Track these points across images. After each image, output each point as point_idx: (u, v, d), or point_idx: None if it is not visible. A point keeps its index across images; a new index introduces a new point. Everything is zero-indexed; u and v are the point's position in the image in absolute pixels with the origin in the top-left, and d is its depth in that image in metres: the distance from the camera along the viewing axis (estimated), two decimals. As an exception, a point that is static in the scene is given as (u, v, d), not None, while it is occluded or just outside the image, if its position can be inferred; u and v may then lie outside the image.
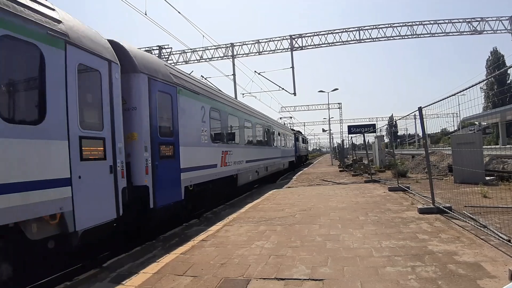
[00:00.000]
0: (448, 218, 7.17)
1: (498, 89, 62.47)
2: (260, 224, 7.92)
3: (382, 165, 24.34)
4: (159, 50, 26.95)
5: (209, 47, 30.99)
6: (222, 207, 12.41)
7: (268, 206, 10.53)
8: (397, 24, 29.00)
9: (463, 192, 9.70)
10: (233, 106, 14.98)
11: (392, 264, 4.67)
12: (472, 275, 4.10)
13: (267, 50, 30.39)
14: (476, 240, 5.50)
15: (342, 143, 40.58)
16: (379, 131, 28.69)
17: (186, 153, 9.27)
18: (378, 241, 5.84)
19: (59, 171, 5.05)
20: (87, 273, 5.62)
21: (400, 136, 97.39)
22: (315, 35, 29.57)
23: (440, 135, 69.55)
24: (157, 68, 8.36)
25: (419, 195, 10.28)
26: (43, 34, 4.92)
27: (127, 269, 5.56)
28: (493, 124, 53.32)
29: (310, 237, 6.44)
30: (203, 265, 5.23)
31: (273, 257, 5.37)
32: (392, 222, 7.26)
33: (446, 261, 4.65)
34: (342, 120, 73.55)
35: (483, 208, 7.74)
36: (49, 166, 4.88)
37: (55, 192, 4.94)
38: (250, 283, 4.36)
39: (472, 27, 28.71)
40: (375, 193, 11.95)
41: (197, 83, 11.22)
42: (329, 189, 14.31)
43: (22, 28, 4.58)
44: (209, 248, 6.15)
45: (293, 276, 4.49)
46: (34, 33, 4.78)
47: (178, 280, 4.65)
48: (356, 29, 29.30)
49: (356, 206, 9.44)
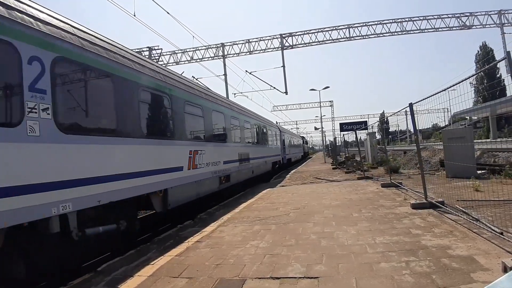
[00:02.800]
0: (441, 213, 7.22)
1: (488, 83, 62.92)
2: (254, 223, 7.92)
3: (375, 161, 24.50)
4: (149, 51, 26.86)
5: (200, 48, 31.00)
6: (216, 208, 12.39)
7: (262, 205, 10.53)
8: (386, 21, 29.25)
9: (455, 187, 9.79)
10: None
11: (386, 260, 4.69)
12: (465, 268, 4.13)
13: (257, 50, 30.46)
14: (469, 234, 5.54)
15: (335, 140, 40.79)
16: (370, 128, 28.85)
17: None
18: (372, 237, 5.87)
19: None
20: (81, 278, 5.59)
21: (392, 132, 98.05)
22: (305, 34, 29.69)
23: (431, 130, 70.09)
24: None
25: (411, 190, 10.34)
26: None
27: (122, 272, 5.54)
28: (484, 118, 53.71)
29: (304, 235, 6.45)
30: (198, 266, 5.21)
31: (268, 256, 5.36)
32: (385, 218, 7.29)
33: (440, 255, 4.68)
34: (334, 118, 73.96)
35: (475, 202, 7.80)
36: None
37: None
38: (246, 283, 4.36)
39: (462, 22, 29.03)
40: (368, 190, 12.00)
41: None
42: (322, 187, 14.34)
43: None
44: (204, 249, 6.13)
45: (289, 274, 4.49)
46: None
47: (173, 282, 4.63)
48: (346, 26, 29.46)
49: (349, 203, 9.47)
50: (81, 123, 6.20)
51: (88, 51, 6.44)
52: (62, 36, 5.89)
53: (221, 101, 14.70)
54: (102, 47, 6.97)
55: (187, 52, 31.35)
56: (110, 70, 7.02)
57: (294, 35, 29.69)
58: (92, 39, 6.83)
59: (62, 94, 5.82)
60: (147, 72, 8.48)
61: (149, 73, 8.61)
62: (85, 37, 6.63)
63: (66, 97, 5.95)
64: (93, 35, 7.07)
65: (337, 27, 29.52)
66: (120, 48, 7.93)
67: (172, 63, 31.23)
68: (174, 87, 9.80)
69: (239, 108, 18.08)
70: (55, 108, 5.43)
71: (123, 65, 7.51)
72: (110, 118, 7.00)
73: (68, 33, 6.09)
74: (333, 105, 71.13)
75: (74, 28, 6.43)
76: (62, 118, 5.61)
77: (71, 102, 6.05)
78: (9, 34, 4.84)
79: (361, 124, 28.65)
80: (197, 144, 10.97)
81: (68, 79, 6.05)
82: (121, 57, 7.52)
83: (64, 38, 5.90)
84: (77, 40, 6.26)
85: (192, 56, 31.34)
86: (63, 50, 5.82)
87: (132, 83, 7.75)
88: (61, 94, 5.75)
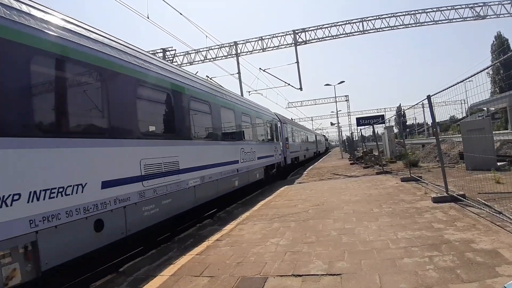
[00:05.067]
0: (462, 206, 7.11)
1: (505, 74, 61.69)
2: (273, 221, 7.92)
3: (393, 155, 24.22)
4: (163, 52, 27.04)
5: (213, 47, 31.00)
6: (234, 206, 12.45)
7: (281, 202, 10.53)
8: (400, 13, 28.75)
9: (476, 179, 9.62)
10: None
11: (409, 255, 4.65)
12: (490, 262, 4.07)
13: (270, 47, 30.27)
14: (492, 227, 5.44)
15: (351, 135, 40.44)
16: (387, 122, 28.52)
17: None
18: (393, 233, 5.81)
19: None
20: (103, 279, 5.68)
21: (409, 125, 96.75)
22: (318, 29, 29.42)
23: (449, 122, 68.94)
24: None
25: (432, 184, 10.21)
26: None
27: (144, 272, 5.61)
28: (502, 109, 52.66)
29: (325, 232, 6.43)
30: (219, 265, 5.24)
31: (289, 253, 5.36)
32: (406, 212, 7.22)
33: (464, 249, 4.61)
34: (350, 113, 73.15)
35: (497, 194, 7.65)
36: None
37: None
38: (268, 281, 4.36)
39: (475, 12, 28.40)
40: (387, 185, 11.89)
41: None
42: (340, 183, 14.27)
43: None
44: (224, 248, 6.17)
45: (310, 272, 4.48)
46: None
47: (195, 281, 4.67)
48: (359, 20, 29.08)
49: (369, 199, 9.40)
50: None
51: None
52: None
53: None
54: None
55: (200, 52, 31.40)
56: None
57: (307, 30, 29.47)
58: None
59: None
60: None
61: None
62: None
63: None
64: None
65: (350, 21, 29.18)
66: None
67: (186, 64, 31.36)
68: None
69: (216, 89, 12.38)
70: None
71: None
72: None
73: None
74: (349, 99, 70.48)
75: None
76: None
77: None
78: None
79: (378, 118, 28.36)
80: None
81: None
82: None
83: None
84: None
85: (205, 56, 31.38)
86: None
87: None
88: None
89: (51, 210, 4.74)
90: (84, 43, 5.88)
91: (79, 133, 5.73)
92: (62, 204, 4.91)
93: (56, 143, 5.05)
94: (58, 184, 4.90)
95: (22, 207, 4.34)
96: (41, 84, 5.18)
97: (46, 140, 4.90)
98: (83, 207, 5.28)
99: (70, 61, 5.56)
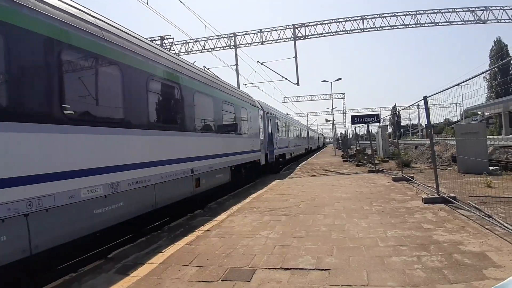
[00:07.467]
0: (452, 208, 7.16)
1: (501, 79, 62.05)
2: (264, 214, 7.93)
3: (386, 155, 24.33)
4: (161, 40, 26.83)
5: (211, 37, 30.76)
6: (226, 198, 12.44)
7: (272, 196, 10.54)
8: (400, 13, 28.72)
9: (467, 182, 9.69)
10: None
11: (397, 254, 4.67)
12: (477, 264, 4.10)
13: (270, 40, 30.12)
14: (481, 230, 5.49)
15: (346, 133, 40.57)
16: (382, 121, 28.60)
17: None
18: (383, 231, 5.84)
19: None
20: (92, 264, 5.63)
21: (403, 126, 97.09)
22: (318, 24, 29.30)
23: (443, 125, 69.30)
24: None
25: (423, 185, 10.27)
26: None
27: (132, 259, 5.59)
28: (496, 114, 53.03)
29: (315, 227, 6.45)
30: (208, 255, 5.24)
31: (278, 247, 5.37)
32: (397, 212, 7.26)
33: (452, 250, 4.65)
34: (345, 110, 73.33)
35: (488, 198, 7.70)
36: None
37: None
38: (256, 272, 4.37)
39: (476, 16, 28.43)
40: (379, 183, 11.94)
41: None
42: (332, 179, 14.31)
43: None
44: (214, 239, 6.16)
45: (299, 266, 4.50)
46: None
47: (183, 270, 4.67)
48: (359, 18, 29.01)
49: (360, 196, 9.43)
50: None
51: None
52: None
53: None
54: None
55: (198, 42, 31.16)
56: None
57: (307, 25, 29.34)
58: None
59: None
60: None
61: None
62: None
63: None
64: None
65: (350, 18, 29.10)
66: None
67: (183, 53, 31.11)
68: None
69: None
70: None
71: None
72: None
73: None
74: (345, 97, 70.75)
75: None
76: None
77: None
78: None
79: (373, 117, 28.40)
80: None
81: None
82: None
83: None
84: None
85: (203, 46, 31.16)
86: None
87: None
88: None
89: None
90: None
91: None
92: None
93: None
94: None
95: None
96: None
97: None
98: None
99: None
